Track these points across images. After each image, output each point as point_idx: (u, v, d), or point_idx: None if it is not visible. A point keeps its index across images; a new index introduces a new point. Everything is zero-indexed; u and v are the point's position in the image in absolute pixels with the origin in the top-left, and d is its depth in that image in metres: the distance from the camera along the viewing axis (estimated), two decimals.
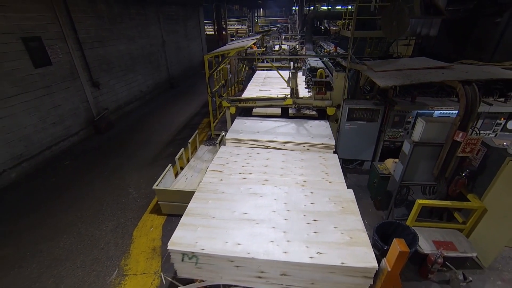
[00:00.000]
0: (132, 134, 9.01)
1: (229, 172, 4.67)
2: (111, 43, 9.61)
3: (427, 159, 4.16)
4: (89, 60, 8.47)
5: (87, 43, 8.38)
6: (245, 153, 5.31)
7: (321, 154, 5.32)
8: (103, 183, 6.29)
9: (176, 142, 8.39)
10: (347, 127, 6.16)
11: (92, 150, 7.88)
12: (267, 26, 33.78)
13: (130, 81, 10.93)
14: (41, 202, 5.63)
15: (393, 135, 6.00)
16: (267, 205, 3.80)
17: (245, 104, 6.98)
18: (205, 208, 3.75)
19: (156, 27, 12.93)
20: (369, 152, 6.41)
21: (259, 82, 9.19)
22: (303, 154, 5.30)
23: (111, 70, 9.70)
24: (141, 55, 11.75)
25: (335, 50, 7.42)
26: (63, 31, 7.37)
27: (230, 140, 5.85)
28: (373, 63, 5.24)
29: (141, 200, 5.67)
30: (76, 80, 8.05)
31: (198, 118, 10.30)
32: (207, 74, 7.38)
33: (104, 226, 4.96)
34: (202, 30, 19.22)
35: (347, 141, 6.32)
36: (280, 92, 7.97)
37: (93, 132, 8.84)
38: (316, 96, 6.83)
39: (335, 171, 4.76)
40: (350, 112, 5.97)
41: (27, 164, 6.62)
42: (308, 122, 6.49)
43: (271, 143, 5.71)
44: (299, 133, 5.99)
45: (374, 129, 6.06)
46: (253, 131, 6.09)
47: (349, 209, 3.75)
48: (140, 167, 6.99)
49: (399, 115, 5.72)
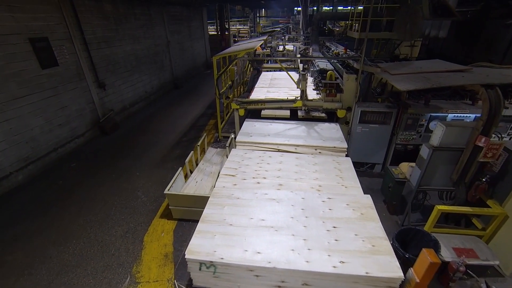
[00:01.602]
0: (138, 135, 8.93)
1: (242, 176, 4.59)
2: (117, 43, 9.53)
3: (445, 163, 4.07)
4: (95, 60, 8.38)
5: (93, 44, 8.30)
6: (257, 157, 5.22)
7: (334, 158, 5.25)
8: (111, 186, 6.20)
9: (182, 143, 8.31)
10: (358, 130, 6.07)
11: (98, 151, 7.79)
12: (268, 26, 33.72)
13: (135, 82, 10.84)
14: (48, 205, 5.54)
15: (405, 138, 5.92)
16: (284, 211, 3.71)
17: (254, 106, 6.89)
18: (221, 214, 3.66)
19: (161, 28, 12.84)
20: (381, 155, 6.33)
21: (266, 84, 9.10)
22: (316, 158, 5.22)
23: (116, 71, 9.61)
24: (146, 55, 11.67)
25: (345, 52, 7.34)
26: (70, 32, 7.28)
27: (241, 143, 5.77)
28: (387, 65, 5.16)
29: (151, 204, 5.59)
30: (82, 81, 7.96)
31: (204, 119, 10.22)
32: (215, 76, 7.30)
33: (114, 231, 4.87)
34: (205, 30, 19.15)
35: (358, 144, 6.24)
36: (289, 94, 7.89)
37: (99, 133, 8.76)
38: (326, 98, 6.74)
39: (350, 175, 4.68)
40: (362, 115, 5.88)
41: (34, 166, 6.53)
42: (318, 124, 6.41)
43: (282, 146, 5.63)
44: (310, 136, 5.91)
45: (386, 132, 5.97)
46: (264, 133, 6.01)
47: (368, 215, 3.66)
48: (148, 169, 6.91)
49: (412, 118, 5.64)
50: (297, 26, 32.24)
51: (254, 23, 31.03)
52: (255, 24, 30.45)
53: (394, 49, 11.35)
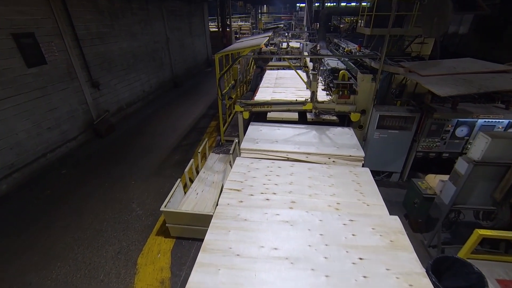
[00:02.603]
0: (135, 138, 8.38)
1: (249, 191, 4.04)
2: (112, 40, 8.94)
3: (487, 180, 3.51)
4: (88, 58, 7.81)
5: (86, 40, 7.72)
6: (265, 167, 4.67)
7: (351, 169, 4.68)
8: (103, 197, 5.66)
9: (182, 147, 7.75)
10: (376, 136, 5.50)
11: (91, 156, 7.25)
12: (270, 23, 33.00)
13: (132, 81, 10.26)
14: (33, 219, 5.01)
15: (427, 145, 5.35)
16: (300, 237, 3.16)
17: (260, 109, 6.33)
18: (226, 241, 3.12)
19: (160, 24, 12.23)
20: (399, 163, 5.76)
21: (271, 83, 8.52)
22: (331, 169, 4.66)
23: (112, 69, 9.03)
24: (144, 52, 11.08)
25: (359, 49, 6.75)
26: (59, 27, 6.70)
27: (246, 151, 5.21)
28: (412, 65, 4.57)
29: (146, 219, 5.05)
30: (74, 81, 7.39)
31: (205, 121, 9.65)
32: (217, 75, 6.72)
33: (104, 251, 4.33)
34: (206, 27, 18.52)
35: (375, 151, 5.67)
36: (296, 95, 7.33)
37: (93, 136, 8.21)
38: (339, 100, 6.17)
39: (370, 190, 4.12)
40: (381, 119, 5.31)
41: (19, 175, 5.99)
42: (330, 129, 5.84)
43: (292, 154, 5.08)
44: (322, 143, 5.34)
45: (407, 139, 5.41)
46: (271, 139, 5.45)
47: (400, 244, 3.12)
48: (144, 177, 6.36)
49: (437, 124, 5.06)
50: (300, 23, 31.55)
51: (255, 20, 30.34)
52: (257, 21, 29.74)
53: (406, 46, 10.78)
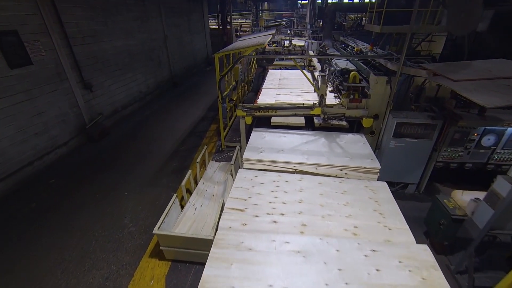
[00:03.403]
0: (130, 142, 7.89)
1: (253, 212, 3.57)
2: (106, 38, 8.42)
3: None
4: (79, 58, 7.30)
5: (77, 38, 7.20)
6: (271, 181, 4.18)
7: (366, 183, 4.20)
8: (93, 210, 5.19)
9: (180, 154, 7.26)
10: (392, 145, 5.01)
11: (83, 163, 6.76)
12: (271, 20, 32.33)
13: (128, 81, 9.76)
14: (14, 239, 4.53)
15: (449, 155, 4.86)
16: (315, 273, 2.69)
17: (263, 114, 5.83)
18: (228, 277, 2.65)
19: (157, 21, 11.69)
20: (416, 174, 5.27)
21: (274, 84, 8.01)
22: (344, 183, 4.18)
23: (106, 69, 8.53)
24: (141, 51, 10.56)
25: (371, 49, 6.24)
26: (46, 24, 6.19)
27: (249, 161, 4.72)
28: (437, 66, 4.06)
29: (139, 237, 4.57)
30: (64, 82, 6.89)
31: (205, 124, 9.15)
32: (217, 76, 6.22)
33: (91, 276, 3.87)
34: (206, 24, 17.96)
35: (390, 161, 5.18)
36: (302, 97, 6.83)
37: (86, 141, 7.72)
38: (350, 104, 5.68)
39: (391, 210, 3.64)
40: (398, 127, 4.81)
41: (3, 185, 5.52)
42: (341, 136, 5.35)
43: (300, 165, 4.59)
44: (333, 152, 4.85)
45: (426, 148, 4.91)
46: (276, 148, 4.96)
47: (433, 283, 2.64)
48: (139, 187, 5.88)
49: (461, 132, 4.57)
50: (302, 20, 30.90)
51: (256, 17, 29.69)
52: (258, 18, 29.10)
53: (417, 45, 10.24)
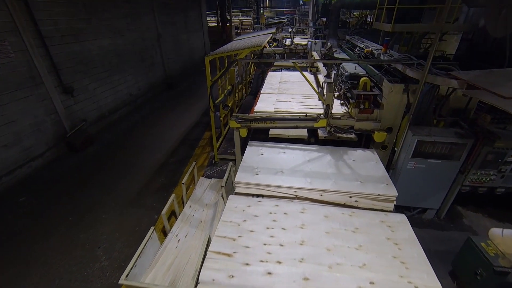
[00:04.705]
0: (116, 152, 7.19)
1: (243, 258, 2.86)
2: (90, 37, 7.69)
3: None
4: (58, 59, 6.58)
5: (54, 38, 6.48)
6: (267, 214, 3.48)
7: (382, 216, 3.48)
8: (64, 237, 4.51)
9: (169, 166, 6.56)
10: (410, 166, 4.27)
11: (60, 178, 6.07)
12: (273, 18, 31.50)
13: (116, 84, 9.04)
14: None
15: (479, 179, 4.12)
16: None
17: (260, 125, 5.11)
18: None
19: (150, 18, 10.94)
20: (438, 198, 4.54)
21: (274, 88, 7.28)
22: (355, 216, 3.46)
23: (90, 71, 7.81)
24: (131, 51, 9.82)
25: (385, 51, 5.48)
26: (15, 22, 5.47)
27: (242, 185, 4.01)
28: (473, 77, 3.32)
29: (112, 274, 3.88)
30: (39, 87, 6.19)
31: (199, 131, 8.44)
32: (208, 82, 5.50)
33: None
34: (204, 21, 17.17)
35: (407, 183, 4.45)
36: (305, 105, 6.10)
37: (66, 151, 7.03)
38: (359, 115, 4.95)
39: (415, 257, 2.92)
40: (418, 145, 4.08)
41: None
42: (349, 152, 4.63)
43: (302, 191, 3.88)
44: (341, 173, 4.12)
45: (452, 170, 4.18)
46: (274, 168, 4.24)
47: None
48: (119, 208, 5.19)
49: (495, 153, 3.84)
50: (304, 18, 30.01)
51: (257, 14, 28.82)
52: (259, 15, 28.24)
53: (429, 45, 9.45)
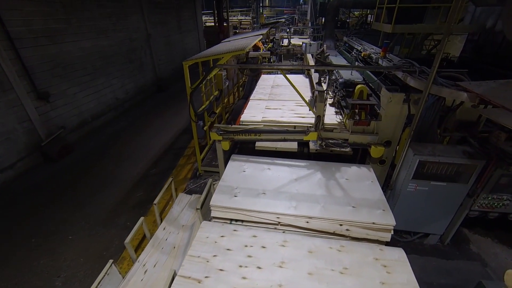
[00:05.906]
0: (95, 162, 6.70)
1: None
2: (69, 38, 7.21)
3: None
4: (30, 63, 6.10)
5: (26, 40, 6.00)
6: (241, 247, 2.98)
7: (376, 252, 2.97)
8: (22, 264, 4.03)
9: (149, 179, 6.06)
10: (411, 188, 3.76)
11: (30, 191, 5.60)
12: (272, 17, 31.01)
13: (100, 87, 8.55)
14: None
15: (489, 203, 3.60)
16: None
17: (244, 138, 4.60)
18: None
19: (138, 17, 10.44)
20: (442, 223, 4.01)
21: (265, 93, 6.77)
22: (345, 252, 2.96)
23: (69, 75, 7.32)
24: (117, 53, 9.34)
25: (384, 55, 4.95)
26: None
27: (219, 209, 3.52)
28: (488, 88, 2.79)
29: None
30: (9, 93, 5.71)
31: (185, 139, 7.95)
32: (188, 90, 5.00)
33: None
34: (199, 21, 16.67)
35: (407, 207, 3.93)
36: (296, 113, 5.59)
37: (41, 161, 6.56)
38: (354, 127, 4.43)
39: None
40: (420, 166, 3.56)
41: None
42: (342, 169, 4.13)
43: (286, 217, 3.38)
44: (331, 196, 3.62)
45: (459, 194, 3.65)
46: (256, 189, 3.74)
47: None
48: (89, 228, 4.71)
49: (510, 176, 3.32)
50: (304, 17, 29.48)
51: (257, 14, 28.31)
52: (258, 15, 27.72)
53: (432, 48, 8.91)
